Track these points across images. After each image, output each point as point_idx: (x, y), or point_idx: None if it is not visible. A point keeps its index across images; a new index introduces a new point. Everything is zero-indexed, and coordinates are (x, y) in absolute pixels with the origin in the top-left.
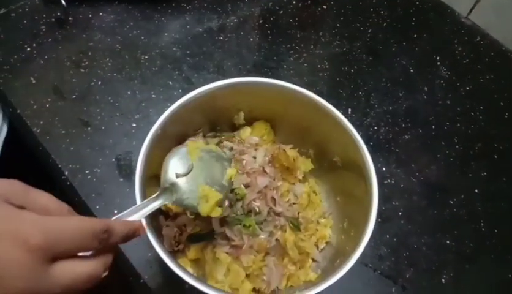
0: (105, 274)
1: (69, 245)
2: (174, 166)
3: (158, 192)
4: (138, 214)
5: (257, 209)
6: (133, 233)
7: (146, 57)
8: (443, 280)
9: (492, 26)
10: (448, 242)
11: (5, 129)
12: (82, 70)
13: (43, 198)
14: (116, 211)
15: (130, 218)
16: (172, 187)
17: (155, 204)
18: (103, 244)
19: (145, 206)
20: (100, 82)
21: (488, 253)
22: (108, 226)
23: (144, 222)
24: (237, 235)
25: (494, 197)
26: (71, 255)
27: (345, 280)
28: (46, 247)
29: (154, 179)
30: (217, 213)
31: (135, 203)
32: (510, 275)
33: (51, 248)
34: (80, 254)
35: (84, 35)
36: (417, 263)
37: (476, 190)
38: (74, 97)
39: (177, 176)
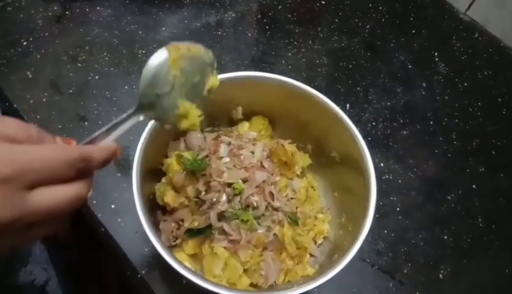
0: (90, 194)
1: (41, 174)
2: (154, 79)
3: (135, 108)
4: (116, 132)
5: (255, 204)
6: (112, 156)
7: (144, 51)
8: (441, 275)
9: (491, 22)
10: (445, 237)
11: None
12: (79, 65)
13: (8, 125)
14: (113, 206)
15: (110, 137)
16: (151, 104)
17: (133, 122)
18: (83, 171)
19: (122, 123)
20: (97, 77)
21: (485, 248)
22: (85, 155)
23: (138, 208)
24: (235, 230)
25: (492, 193)
26: (49, 182)
27: (342, 275)
28: (15, 177)
29: (151, 174)
30: (196, 127)
31: (133, 198)
32: (507, 271)
33: (21, 177)
34: None
35: (81, 30)
36: (415, 258)
37: (474, 186)
38: (71, 91)
39: (159, 95)
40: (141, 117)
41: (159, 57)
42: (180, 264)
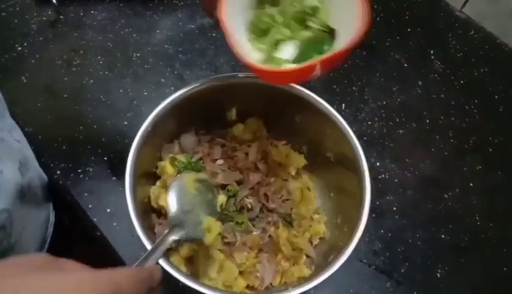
0: None
1: None
2: (178, 202)
3: (167, 230)
4: (155, 255)
5: (249, 206)
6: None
7: (138, 54)
8: (438, 274)
9: (486, 19)
10: (442, 236)
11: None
12: (74, 69)
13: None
14: (108, 210)
15: (150, 261)
16: (180, 223)
17: (168, 243)
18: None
19: (159, 246)
20: (91, 81)
21: (483, 247)
22: (151, 273)
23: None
24: (230, 232)
25: (489, 191)
26: None
27: (339, 275)
28: None
29: (145, 177)
30: (218, 242)
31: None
32: (505, 269)
33: None
34: None
35: (75, 34)
36: (412, 258)
37: (471, 184)
38: (66, 95)
39: (184, 212)
40: (175, 237)
41: (177, 184)
42: (175, 268)
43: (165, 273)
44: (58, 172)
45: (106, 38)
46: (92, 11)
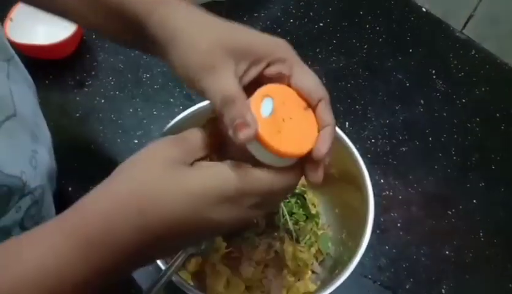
0: None
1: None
2: None
3: None
4: (174, 266)
5: (255, 221)
6: None
7: (148, 75)
8: (443, 290)
9: (487, 39)
10: (447, 252)
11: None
12: (86, 89)
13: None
14: None
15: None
16: None
17: (186, 255)
18: None
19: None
20: (103, 101)
21: (488, 263)
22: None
23: None
24: (236, 247)
25: (492, 207)
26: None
27: (344, 291)
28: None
29: None
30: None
31: None
32: (511, 285)
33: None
34: None
35: (88, 56)
36: (417, 274)
37: (475, 201)
38: (78, 115)
39: None
40: (192, 250)
41: None
42: (184, 282)
43: (174, 287)
44: (69, 189)
45: (117, 59)
46: None
